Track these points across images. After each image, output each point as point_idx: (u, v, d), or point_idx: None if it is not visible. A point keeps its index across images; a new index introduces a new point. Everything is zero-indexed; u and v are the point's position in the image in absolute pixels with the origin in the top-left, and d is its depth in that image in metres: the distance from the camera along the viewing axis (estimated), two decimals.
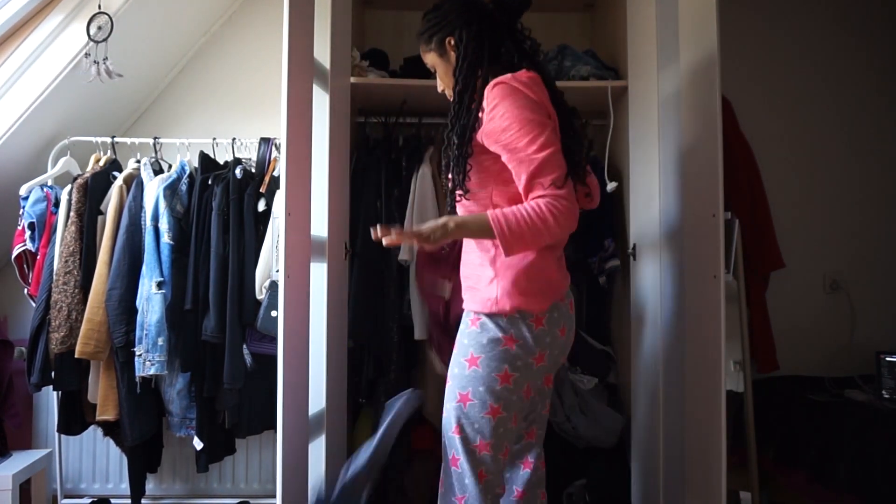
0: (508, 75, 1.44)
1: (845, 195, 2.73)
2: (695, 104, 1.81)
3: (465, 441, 1.48)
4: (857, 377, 2.40)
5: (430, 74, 2.34)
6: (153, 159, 2.35)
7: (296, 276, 1.72)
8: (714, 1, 1.69)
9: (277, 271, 1.97)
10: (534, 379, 1.52)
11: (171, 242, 2.17)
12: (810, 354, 2.61)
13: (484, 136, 1.44)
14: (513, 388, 1.46)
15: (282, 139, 1.65)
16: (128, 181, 2.25)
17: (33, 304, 2.21)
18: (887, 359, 2.24)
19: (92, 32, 2.15)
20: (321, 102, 2.01)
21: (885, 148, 2.74)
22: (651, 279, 2.06)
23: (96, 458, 2.52)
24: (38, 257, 2.24)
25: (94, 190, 2.22)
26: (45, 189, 2.29)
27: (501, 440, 1.49)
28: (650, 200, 2.06)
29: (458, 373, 1.50)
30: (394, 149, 2.46)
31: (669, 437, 1.94)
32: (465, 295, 1.56)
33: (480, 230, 1.42)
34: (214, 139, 2.39)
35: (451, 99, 1.54)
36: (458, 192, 1.50)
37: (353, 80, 2.27)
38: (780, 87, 2.74)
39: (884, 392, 2.24)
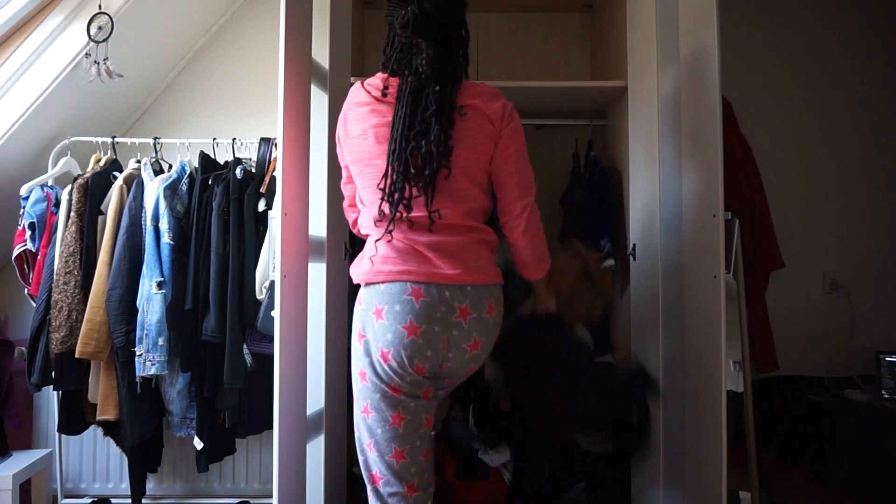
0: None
1: (845, 195, 2.73)
2: (695, 104, 1.81)
3: (359, 441, 1.51)
4: (857, 377, 2.40)
5: None
6: (153, 159, 2.35)
7: (293, 276, 1.72)
8: (714, 1, 1.69)
9: None
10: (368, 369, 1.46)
11: (172, 242, 2.17)
12: (810, 354, 2.62)
13: None
14: (371, 387, 1.45)
15: (278, 139, 1.66)
16: (128, 181, 2.25)
17: (33, 304, 2.21)
18: (887, 359, 2.24)
19: (92, 32, 2.16)
20: (320, 102, 2.02)
21: (885, 148, 2.74)
22: (651, 279, 2.05)
23: (96, 458, 2.52)
24: (39, 257, 2.24)
25: (94, 190, 2.22)
26: (45, 189, 2.30)
27: (384, 440, 1.46)
28: (650, 200, 2.06)
29: None
30: None
31: (669, 438, 1.94)
32: None
33: None
34: (214, 139, 2.40)
35: None
36: None
37: (352, 80, 2.27)
38: (780, 87, 2.74)
39: (884, 392, 2.24)
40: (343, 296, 2.21)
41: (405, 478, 1.47)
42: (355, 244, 2.28)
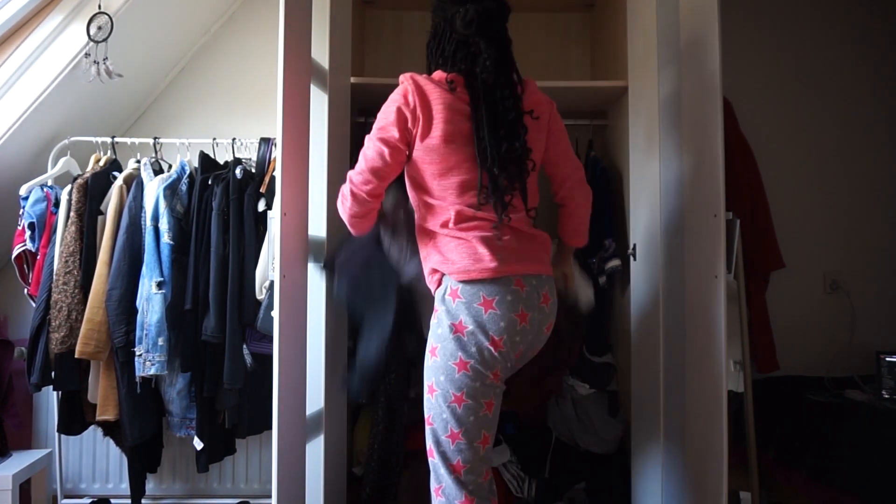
0: (413, 74, 1.56)
1: (845, 195, 2.73)
2: (695, 104, 1.81)
3: (435, 432, 1.51)
4: (857, 377, 2.40)
5: None
6: (153, 159, 2.35)
7: (292, 276, 1.72)
8: (715, 1, 1.69)
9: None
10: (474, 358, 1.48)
11: (171, 242, 2.17)
12: (810, 354, 2.61)
13: None
14: (472, 376, 1.48)
15: (277, 139, 1.66)
16: (128, 181, 2.25)
17: (33, 304, 2.21)
18: (887, 359, 2.24)
19: (92, 32, 2.16)
20: (320, 102, 2.01)
21: (885, 148, 2.74)
22: (651, 279, 2.05)
23: (96, 458, 2.52)
24: (38, 257, 2.24)
25: (94, 190, 2.22)
26: (45, 189, 2.30)
27: (475, 428, 1.48)
28: (650, 200, 2.06)
29: (425, 363, 1.56)
30: None
31: (670, 439, 1.94)
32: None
33: None
34: (214, 139, 2.39)
35: None
36: None
37: (353, 80, 2.27)
38: (781, 87, 2.74)
39: (884, 392, 2.24)
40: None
41: (486, 462, 1.53)
42: None
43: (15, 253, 2.26)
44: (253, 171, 2.30)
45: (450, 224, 1.54)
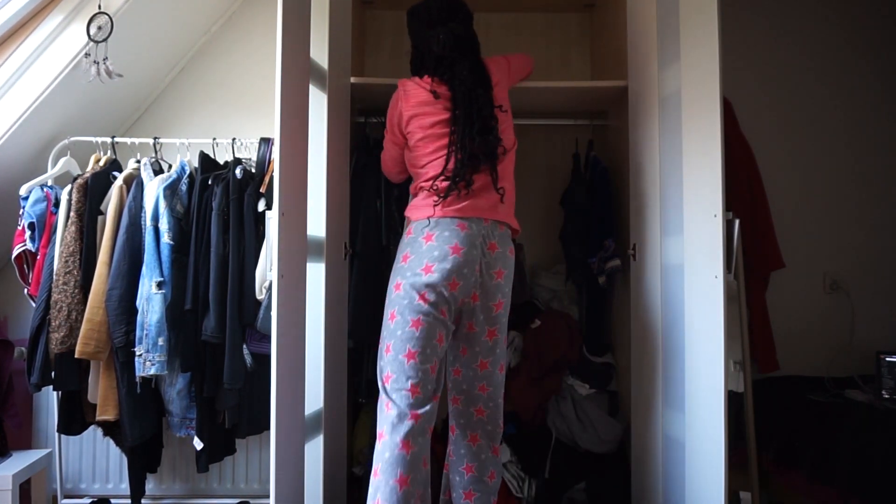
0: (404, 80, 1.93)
1: (845, 195, 2.73)
2: (695, 104, 1.81)
3: (380, 355, 1.76)
4: (857, 377, 2.40)
5: None
6: (153, 159, 2.35)
7: (290, 276, 1.72)
8: (715, 1, 1.69)
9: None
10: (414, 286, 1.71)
11: (171, 242, 2.17)
12: (810, 354, 2.61)
13: None
14: (402, 294, 1.72)
15: (275, 140, 1.66)
16: (128, 181, 2.25)
17: (33, 304, 2.21)
18: (887, 359, 2.24)
19: (92, 32, 2.16)
20: (319, 102, 2.01)
21: (885, 148, 2.74)
22: (651, 279, 2.05)
23: (96, 458, 2.52)
24: (38, 257, 2.24)
25: (94, 190, 2.22)
26: (45, 189, 2.30)
27: (400, 341, 1.70)
28: (650, 200, 2.06)
29: None
30: None
31: (670, 439, 1.94)
32: None
33: None
34: (214, 139, 2.40)
35: None
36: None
37: (353, 80, 2.27)
38: (781, 87, 2.74)
39: (884, 392, 2.24)
40: (343, 295, 2.21)
41: (411, 377, 1.68)
42: (355, 244, 2.29)
43: (15, 253, 2.26)
44: (253, 171, 2.30)
45: (426, 184, 1.80)
